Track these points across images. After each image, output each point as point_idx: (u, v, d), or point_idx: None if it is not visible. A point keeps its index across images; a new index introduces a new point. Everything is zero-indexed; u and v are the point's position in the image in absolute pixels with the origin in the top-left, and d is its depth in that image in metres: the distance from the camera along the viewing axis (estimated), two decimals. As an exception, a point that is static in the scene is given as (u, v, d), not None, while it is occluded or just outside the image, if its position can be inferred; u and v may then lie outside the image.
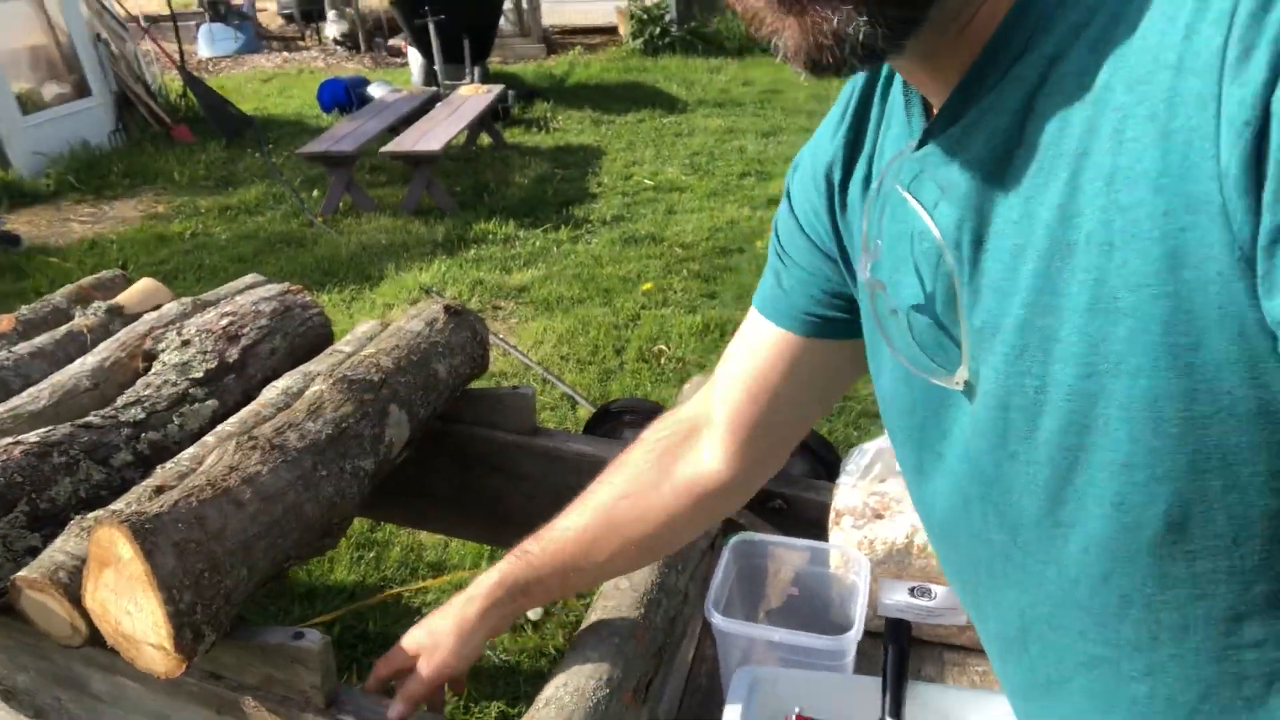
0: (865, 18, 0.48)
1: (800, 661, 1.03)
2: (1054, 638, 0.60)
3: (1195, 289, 0.44)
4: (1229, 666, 0.52)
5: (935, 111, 0.59)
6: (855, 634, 1.01)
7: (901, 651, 0.95)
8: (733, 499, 0.93)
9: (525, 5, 10.98)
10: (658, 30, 10.41)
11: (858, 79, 0.68)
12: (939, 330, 0.61)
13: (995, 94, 0.53)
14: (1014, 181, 0.52)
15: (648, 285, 4.21)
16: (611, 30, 11.53)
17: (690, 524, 0.93)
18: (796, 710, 0.96)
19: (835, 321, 0.78)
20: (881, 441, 1.26)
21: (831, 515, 1.23)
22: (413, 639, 1.02)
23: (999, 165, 0.53)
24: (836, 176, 0.70)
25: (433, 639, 1.00)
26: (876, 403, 0.74)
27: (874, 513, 1.21)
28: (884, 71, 0.66)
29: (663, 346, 3.61)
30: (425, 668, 0.99)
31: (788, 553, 1.20)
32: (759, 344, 0.82)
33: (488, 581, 0.98)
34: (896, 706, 0.92)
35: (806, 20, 0.49)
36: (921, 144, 0.58)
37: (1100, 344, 0.48)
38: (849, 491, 1.23)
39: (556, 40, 11.66)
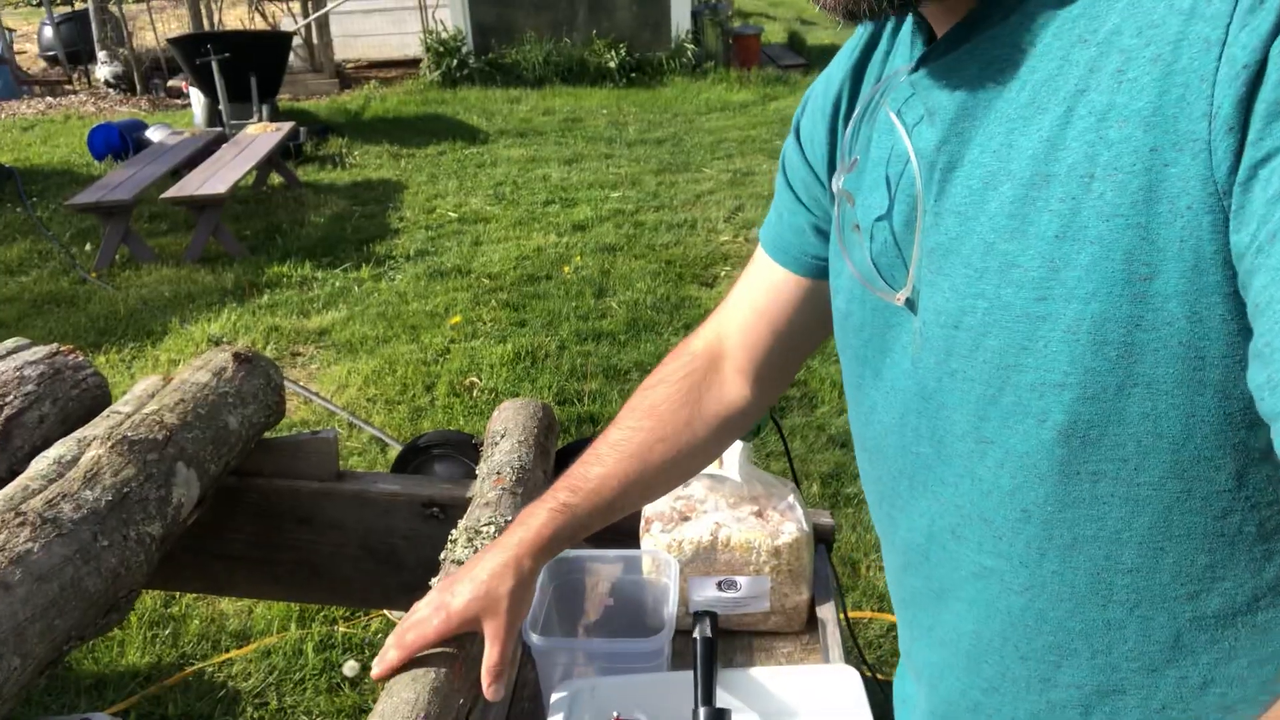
0: None
1: (618, 668, 1.06)
2: (954, 547, 0.64)
3: (1164, 222, 0.47)
4: (1100, 588, 0.57)
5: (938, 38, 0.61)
6: (667, 633, 1.05)
7: (709, 642, 1.00)
8: (751, 420, 0.98)
9: (316, 40, 10.67)
10: (455, 62, 10.36)
11: None
12: (894, 247, 0.64)
13: (1002, 26, 0.55)
14: (1001, 111, 0.55)
15: (456, 318, 4.17)
16: (407, 63, 11.37)
17: (718, 449, 0.99)
18: (614, 714, 0.98)
19: None
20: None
21: (642, 523, 1.26)
22: (462, 601, 0.89)
23: (989, 93, 0.56)
24: (843, 107, 0.73)
25: (490, 599, 0.89)
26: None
27: (680, 515, 1.25)
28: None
29: (474, 379, 3.59)
30: (494, 632, 0.89)
31: (602, 565, 1.23)
32: (769, 281, 0.87)
33: (533, 536, 0.91)
34: (708, 695, 0.95)
35: None
36: (917, 67, 0.61)
37: (1061, 270, 0.51)
38: (656, 501, 1.27)
39: (350, 74, 11.39)
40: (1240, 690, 0.57)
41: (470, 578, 0.91)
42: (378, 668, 0.94)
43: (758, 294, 0.89)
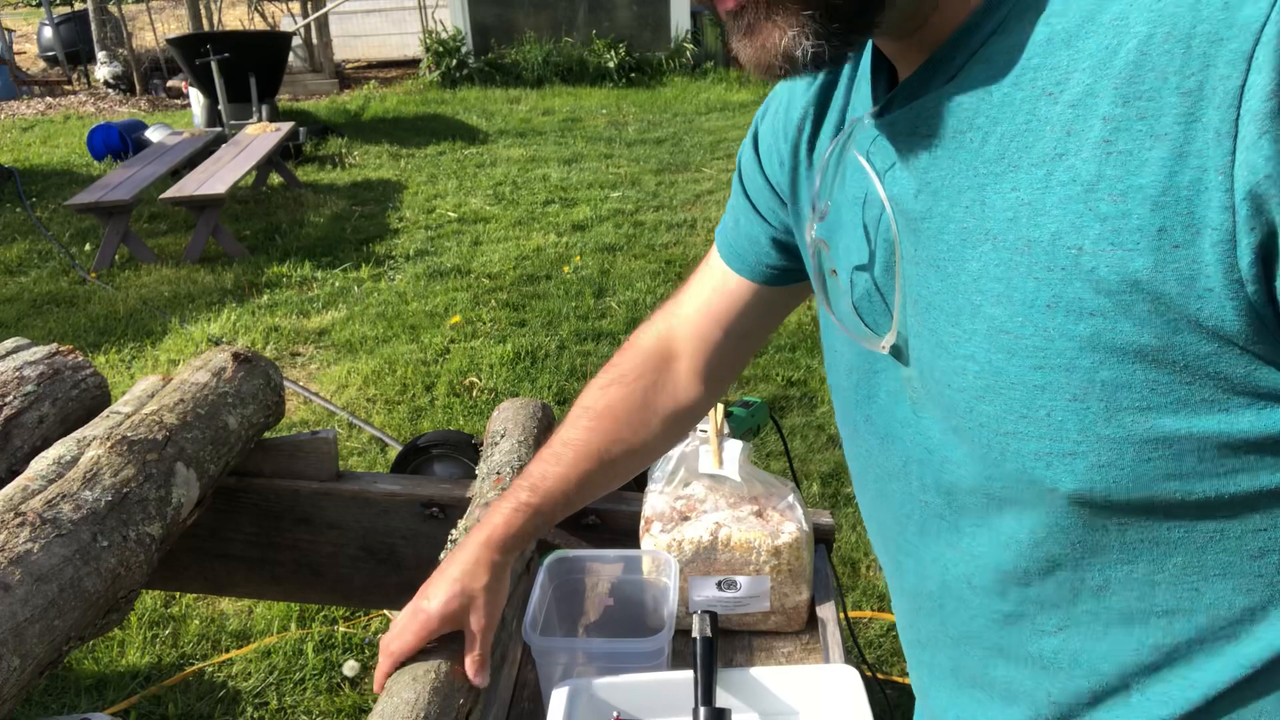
0: (810, 40, 0.51)
1: (618, 668, 1.06)
2: (971, 596, 0.63)
3: (1177, 300, 0.45)
4: (1135, 630, 0.56)
5: (902, 77, 0.60)
6: (667, 633, 1.05)
7: (709, 642, 1.00)
8: (701, 414, 1.01)
9: (316, 40, 10.67)
10: (455, 62, 10.36)
11: None
12: (876, 293, 0.63)
13: (963, 74, 0.53)
14: (969, 164, 0.53)
15: (456, 318, 4.17)
16: (407, 63, 11.38)
17: (671, 443, 1.03)
18: (615, 714, 0.98)
19: (789, 271, 0.84)
20: (684, 447, 1.31)
21: (642, 523, 1.26)
22: (440, 601, 0.93)
23: (956, 146, 0.54)
24: (807, 129, 0.72)
25: (467, 595, 0.94)
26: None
27: (680, 515, 1.25)
28: None
29: (474, 379, 3.59)
30: (475, 626, 0.94)
31: (602, 565, 1.23)
32: (724, 285, 0.89)
33: (499, 534, 0.95)
34: (708, 694, 0.95)
35: (758, 40, 0.52)
36: (883, 111, 0.59)
37: (1056, 339, 0.49)
38: (656, 498, 1.27)
39: (350, 75, 11.39)
40: None
41: (445, 578, 0.95)
42: (376, 684, 0.97)
43: (712, 297, 0.91)
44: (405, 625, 0.95)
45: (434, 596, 0.94)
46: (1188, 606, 0.54)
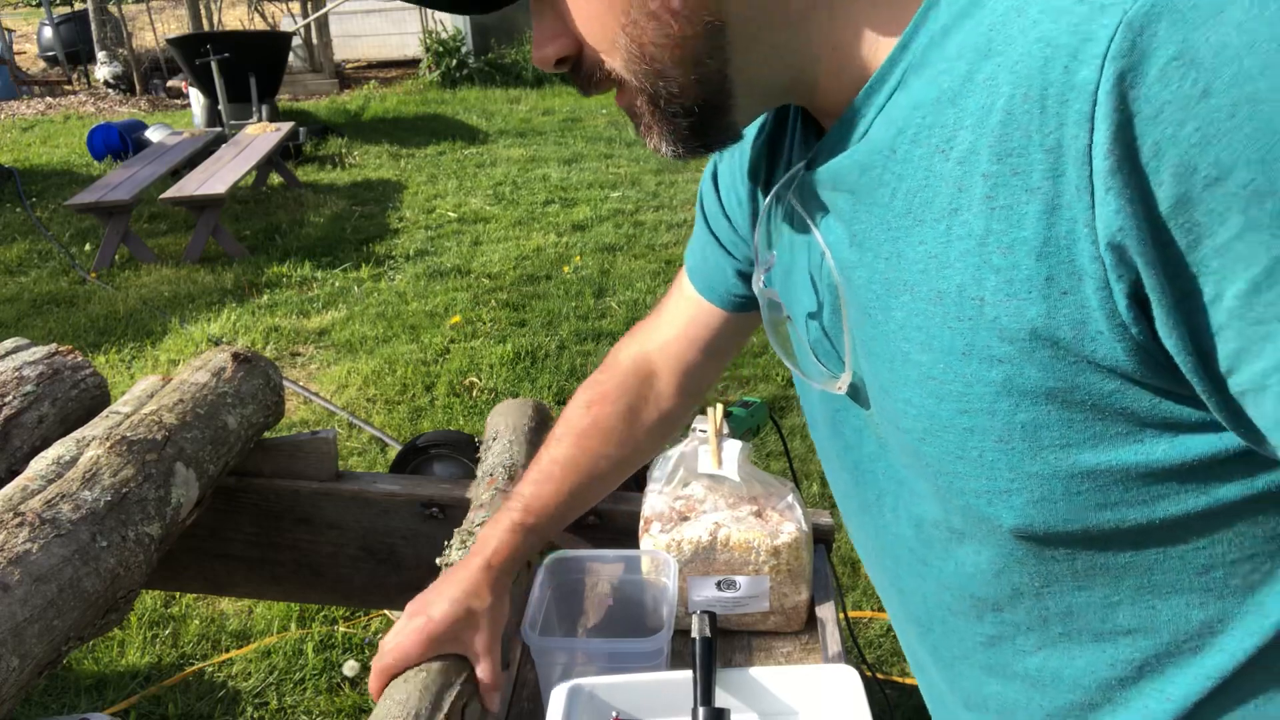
0: (672, 145, 0.59)
1: (618, 668, 1.06)
2: (954, 622, 0.65)
3: (1073, 344, 0.47)
4: (1106, 648, 0.58)
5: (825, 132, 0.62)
6: (666, 633, 1.05)
7: (709, 642, 0.99)
8: (682, 423, 1.07)
9: (316, 40, 10.68)
10: (455, 62, 10.36)
11: None
12: (825, 339, 0.65)
13: (871, 133, 0.55)
14: (884, 219, 0.55)
15: (456, 318, 4.17)
16: (407, 63, 11.38)
17: (655, 452, 1.10)
18: (614, 714, 0.98)
19: (754, 300, 0.84)
20: (683, 447, 1.31)
21: (641, 523, 1.26)
22: (443, 622, 0.93)
23: (871, 201, 0.56)
24: (761, 175, 0.75)
25: (471, 617, 0.95)
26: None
27: (680, 515, 1.25)
28: None
29: (474, 379, 3.59)
30: (481, 648, 0.95)
31: (601, 565, 1.23)
32: (696, 311, 0.95)
33: (497, 559, 0.97)
34: (707, 694, 0.95)
35: (646, 138, 0.60)
36: (810, 165, 0.61)
37: (975, 385, 0.51)
38: (656, 498, 1.27)
39: (350, 75, 11.40)
40: None
41: (444, 597, 0.96)
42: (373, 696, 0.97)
43: (687, 325, 0.96)
44: (404, 640, 0.94)
45: (435, 611, 0.94)
46: (1148, 625, 0.56)
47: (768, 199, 0.68)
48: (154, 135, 7.33)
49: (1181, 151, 0.41)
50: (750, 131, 0.75)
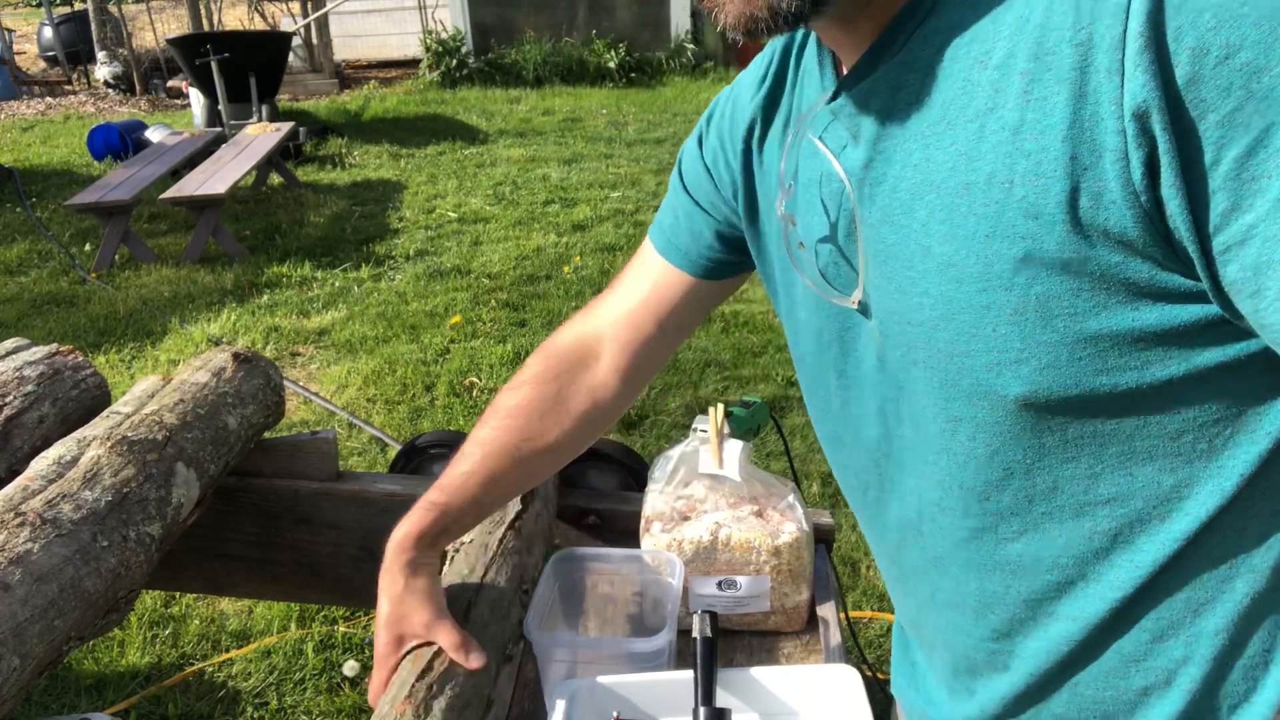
0: (773, 13, 0.58)
1: (621, 667, 1.06)
2: (942, 519, 0.71)
3: (1090, 216, 0.54)
4: (1085, 521, 0.64)
5: (846, 68, 0.68)
6: (668, 632, 1.05)
7: (709, 642, 0.99)
8: (618, 414, 1.02)
9: (316, 40, 10.68)
10: (454, 62, 10.36)
11: (776, 44, 0.79)
12: (841, 258, 0.71)
13: (905, 52, 0.61)
14: (915, 129, 0.61)
15: (456, 318, 4.17)
16: (407, 63, 11.38)
17: (584, 443, 1.03)
18: (615, 714, 0.98)
19: (727, 264, 0.91)
20: (684, 447, 1.31)
21: (642, 523, 1.26)
22: (384, 638, 0.95)
23: (904, 115, 0.62)
24: (756, 134, 0.80)
25: (404, 615, 0.95)
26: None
27: (681, 515, 1.25)
28: (797, 39, 0.77)
29: (474, 379, 3.59)
30: (425, 627, 0.95)
31: (605, 564, 1.23)
32: (659, 280, 0.94)
33: (404, 534, 0.96)
34: (708, 694, 0.95)
35: (745, 5, 0.59)
36: (834, 96, 0.66)
37: (995, 264, 0.58)
38: (657, 498, 1.27)
39: (350, 75, 11.40)
40: (1228, 609, 0.63)
41: (383, 597, 0.96)
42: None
43: (648, 292, 0.95)
44: (378, 652, 0.97)
45: (380, 639, 0.96)
46: (1125, 491, 0.62)
47: (789, 133, 0.74)
48: (154, 135, 7.33)
49: (1199, 35, 0.48)
50: (743, 97, 0.81)
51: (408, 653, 0.97)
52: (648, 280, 0.95)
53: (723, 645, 1.17)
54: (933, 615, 0.79)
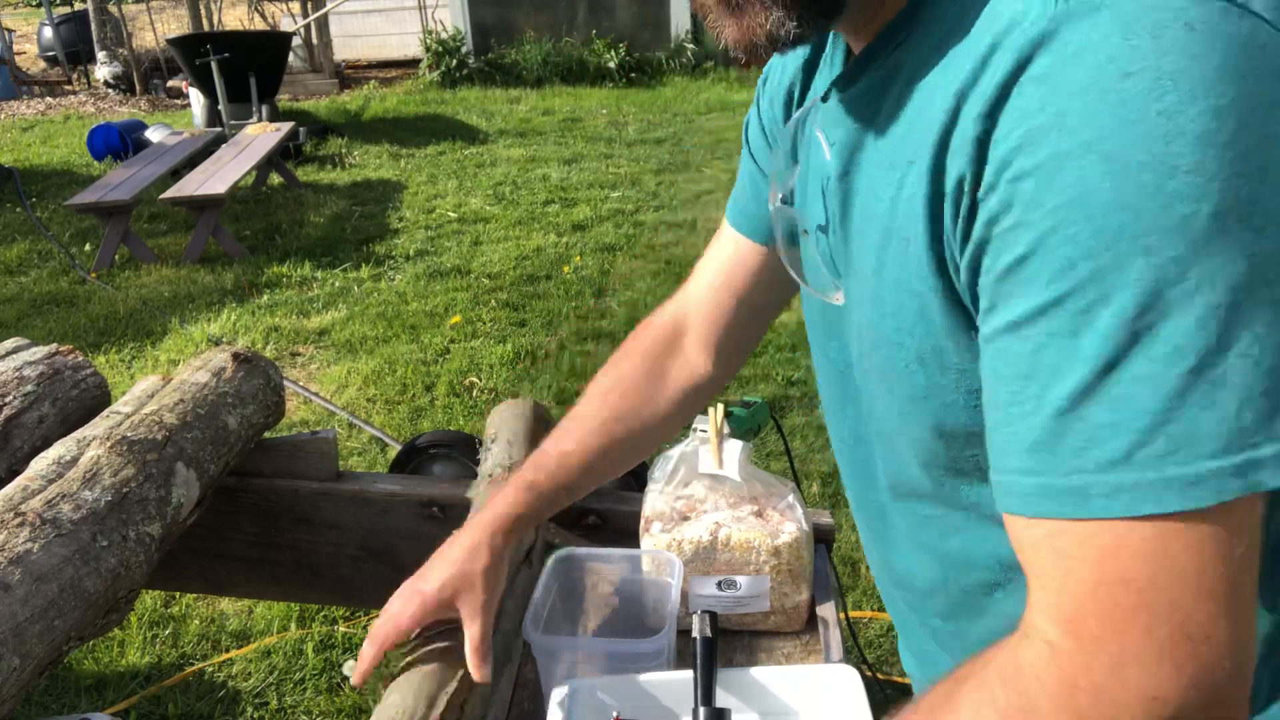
0: (795, 22, 0.57)
1: (620, 667, 1.06)
2: (898, 503, 0.75)
3: (953, 281, 0.56)
4: (1004, 532, 0.65)
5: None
6: (668, 632, 1.05)
7: (709, 642, 0.99)
8: (715, 391, 1.02)
9: (316, 40, 10.68)
10: (454, 62, 10.36)
11: None
12: (830, 254, 0.72)
13: (879, 72, 0.62)
14: (874, 158, 0.63)
15: (456, 318, 4.17)
16: (407, 63, 11.38)
17: (680, 423, 1.02)
18: (615, 714, 0.98)
19: None
20: (684, 447, 1.31)
21: (642, 523, 1.26)
22: (436, 584, 0.91)
23: (878, 132, 0.63)
24: (796, 96, 0.80)
25: (466, 578, 0.91)
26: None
27: (680, 515, 1.25)
28: None
29: (474, 379, 3.59)
30: (472, 610, 0.91)
31: (604, 564, 1.23)
32: (734, 253, 0.93)
33: (502, 515, 0.94)
34: (708, 694, 0.95)
35: (744, 21, 0.58)
36: (828, 94, 0.68)
37: (901, 311, 0.61)
38: (657, 498, 1.27)
39: (350, 75, 11.39)
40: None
41: (443, 560, 0.93)
42: (356, 673, 0.94)
43: (722, 266, 0.94)
44: (398, 611, 0.92)
45: (431, 579, 0.92)
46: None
47: (792, 120, 0.75)
48: (154, 135, 7.32)
49: (1008, 147, 0.49)
50: (790, 58, 0.80)
51: (417, 637, 0.95)
52: (724, 254, 0.94)
53: (722, 645, 1.17)
54: (890, 588, 0.83)
